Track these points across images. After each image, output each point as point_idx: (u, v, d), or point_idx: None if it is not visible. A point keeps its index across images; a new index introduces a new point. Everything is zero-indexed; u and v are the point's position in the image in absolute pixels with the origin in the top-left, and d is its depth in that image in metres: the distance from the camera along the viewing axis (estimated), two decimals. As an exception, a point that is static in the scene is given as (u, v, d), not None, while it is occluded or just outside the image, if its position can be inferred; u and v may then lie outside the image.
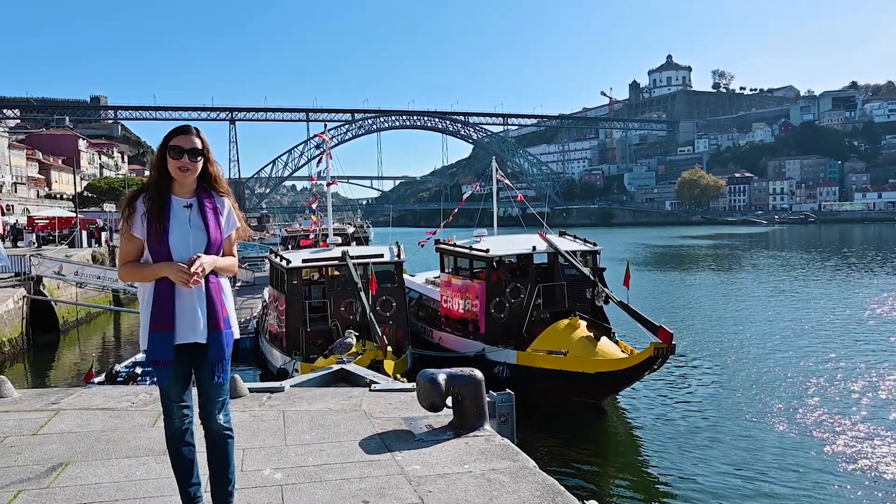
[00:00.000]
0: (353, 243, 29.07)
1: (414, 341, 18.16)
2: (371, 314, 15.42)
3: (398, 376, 12.21)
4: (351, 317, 16.63)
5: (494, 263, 17.50)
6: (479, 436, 5.13)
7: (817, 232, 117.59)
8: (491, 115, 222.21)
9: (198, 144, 3.38)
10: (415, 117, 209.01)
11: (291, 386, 7.29)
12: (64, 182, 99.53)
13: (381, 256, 17.93)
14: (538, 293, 17.38)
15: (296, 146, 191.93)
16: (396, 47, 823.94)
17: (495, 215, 23.49)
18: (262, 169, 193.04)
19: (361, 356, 13.59)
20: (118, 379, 14.18)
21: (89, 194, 78.32)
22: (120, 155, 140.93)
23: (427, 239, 23.42)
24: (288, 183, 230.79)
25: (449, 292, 18.99)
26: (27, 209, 66.12)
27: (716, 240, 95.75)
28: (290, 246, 33.05)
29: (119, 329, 30.38)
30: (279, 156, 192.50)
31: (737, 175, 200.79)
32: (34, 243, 41.98)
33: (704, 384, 17.16)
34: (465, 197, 31.43)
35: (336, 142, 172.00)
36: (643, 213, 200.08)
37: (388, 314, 16.99)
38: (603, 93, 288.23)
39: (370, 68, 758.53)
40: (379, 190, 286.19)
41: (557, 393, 14.89)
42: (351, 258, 16.97)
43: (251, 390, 6.74)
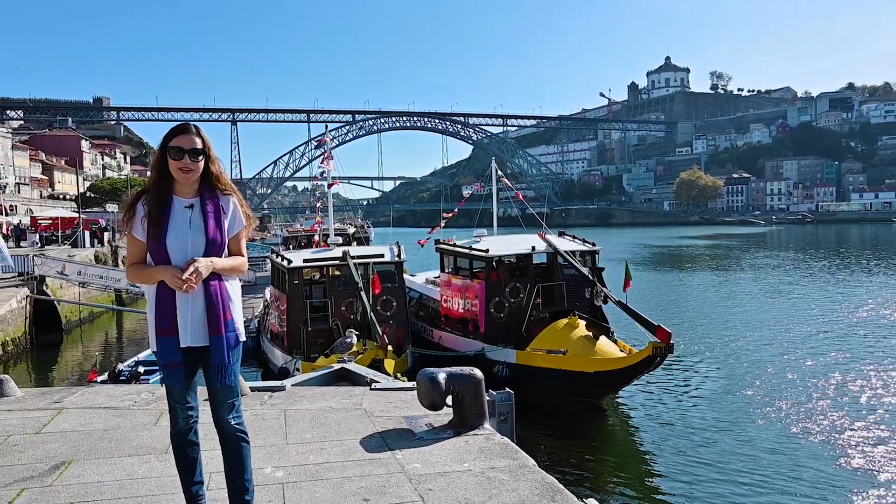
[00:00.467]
0: (354, 243, 29.11)
1: (414, 341, 18.19)
2: (372, 314, 15.47)
3: (398, 375, 12.24)
4: (352, 316, 16.65)
5: (494, 263, 17.52)
6: (479, 434, 5.15)
7: (814, 232, 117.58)
8: (490, 116, 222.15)
9: (198, 144, 3.30)
10: (415, 118, 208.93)
11: (292, 385, 7.30)
12: (67, 183, 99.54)
13: (382, 256, 17.96)
14: (537, 293, 17.39)
15: (297, 147, 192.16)
16: (397, 49, 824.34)
17: (495, 215, 23.52)
18: (264, 169, 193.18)
19: (362, 355, 13.61)
20: (121, 378, 14.22)
21: (92, 195, 78.20)
22: (122, 156, 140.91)
23: (427, 238, 23.45)
24: (289, 183, 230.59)
25: (449, 292, 19.02)
26: (30, 209, 66.13)
27: (714, 240, 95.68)
28: (292, 246, 33.10)
29: (121, 328, 30.40)
30: (280, 156, 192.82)
31: (734, 176, 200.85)
32: (37, 243, 42.04)
33: (702, 383, 17.19)
34: (466, 197, 31.48)
35: (337, 142, 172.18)
36: (642, 214, 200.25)
37: (389, 314, 17.02)
38: (602, 94, 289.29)
39: (371, 70, 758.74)
40: (379, 190, 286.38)
41: (556, 392, 14.91)
42: (352, 258, 17.00)
43: (252, 389, 6.75)
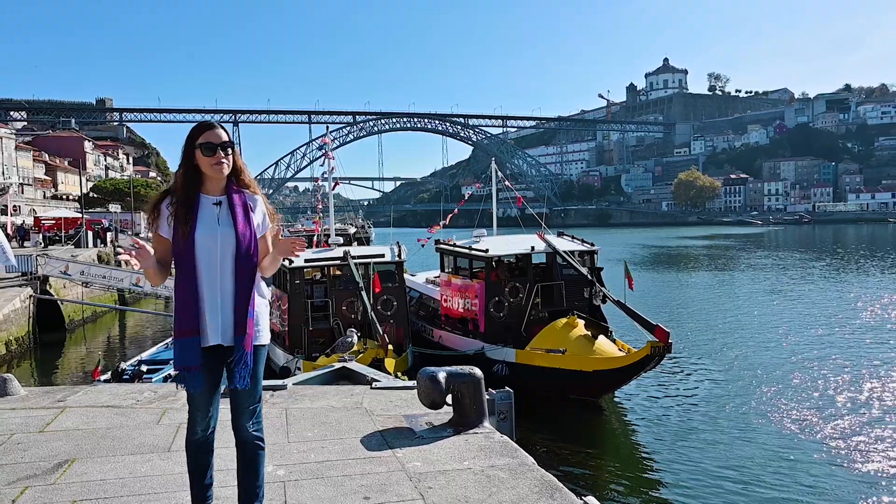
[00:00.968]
0: (355, 243, 29.16)
1: (414, 340, 18.20)
2: (372, 313, 15.50)
3: (399, 374, 12.29)
4: (353, 316, 16.68)
5: (493, 263, 17.54)
6: (479, 433, 5.18)
7: (812, 232, 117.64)
8: (490, 118, 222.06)
9: (226, 137, 3.32)
10: (415, 119, 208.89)
11: (294, 384, 7.33)
12: (70, 183, 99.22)
13: (383, 256, 17.99)
14: (537, 292, 17.42)
15: (298, 148, 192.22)
16: (397, 51, 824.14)
17: (494, 216, 23.56)
18: (265, 170, 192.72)
19: (363, 354, 13.62)
20: (124, 377, 14.21)
21: (95, 195, 77.96)
22: (125, 156, 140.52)
23: (428, 238, 23.48)
24: (290, 184, 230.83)
25: (449, 292, 19.05)
26: (34, 210, 66.02)
27: (712, 240, 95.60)
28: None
29: (124, 328, 30.45)
30: (282, 157, 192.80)
31: (732, 176, 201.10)
32: (40, 243, 42.01)
33: (701, 382, 17.20)
34: (466, 197, 31.51)
35: (338, 143, 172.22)
36: (640, 214, 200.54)
37: (389, 313, 17.04)
38: (600, 95, 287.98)
39: (371, 71, 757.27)
40: (380, 191, 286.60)
41: (556, 391, 14.96)
42: (353, 258, 17.03)
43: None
